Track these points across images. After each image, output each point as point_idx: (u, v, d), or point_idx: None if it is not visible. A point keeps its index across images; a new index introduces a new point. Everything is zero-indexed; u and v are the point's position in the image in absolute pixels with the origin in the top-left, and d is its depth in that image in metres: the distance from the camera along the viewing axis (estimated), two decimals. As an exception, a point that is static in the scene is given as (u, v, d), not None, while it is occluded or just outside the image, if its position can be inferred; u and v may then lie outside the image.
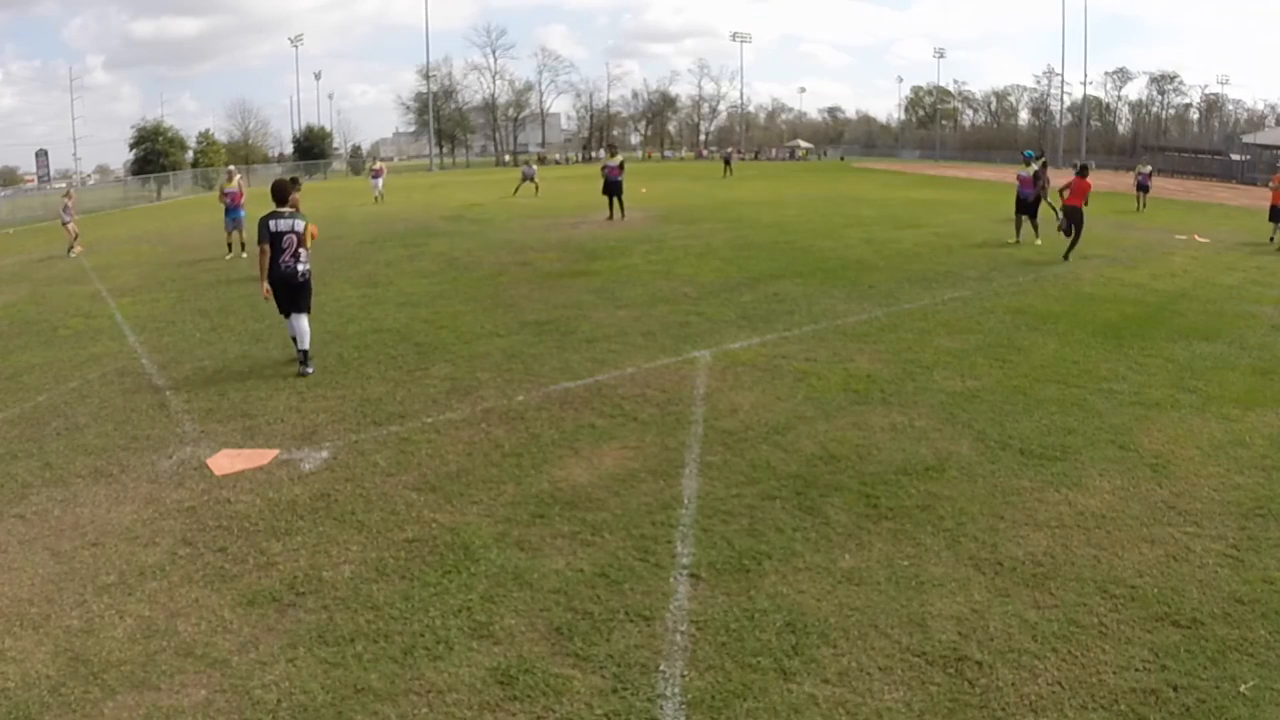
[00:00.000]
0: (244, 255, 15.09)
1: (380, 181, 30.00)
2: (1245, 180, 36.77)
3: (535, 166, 34.96)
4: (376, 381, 6.78)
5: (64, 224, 19.13)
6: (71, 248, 18.60)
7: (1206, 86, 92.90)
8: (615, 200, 18.93)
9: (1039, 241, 13.83)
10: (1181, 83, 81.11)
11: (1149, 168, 22.84)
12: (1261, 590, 3.45)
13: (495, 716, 2.85)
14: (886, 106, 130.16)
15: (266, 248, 6.87)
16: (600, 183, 19.46)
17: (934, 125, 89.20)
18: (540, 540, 4.05)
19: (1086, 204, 12.39)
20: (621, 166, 19.25)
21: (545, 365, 7.07)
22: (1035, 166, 14.29)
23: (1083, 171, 12.57)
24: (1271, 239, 14.13)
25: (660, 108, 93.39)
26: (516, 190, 29.57)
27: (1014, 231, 14.50)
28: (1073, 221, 12.30)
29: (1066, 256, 12.24)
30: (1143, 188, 21.64)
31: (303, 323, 7.09)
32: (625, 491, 4.55)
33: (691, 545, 3.95)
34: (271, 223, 6.89)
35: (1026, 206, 14.30)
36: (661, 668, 3.07)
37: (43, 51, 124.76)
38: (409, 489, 4.69)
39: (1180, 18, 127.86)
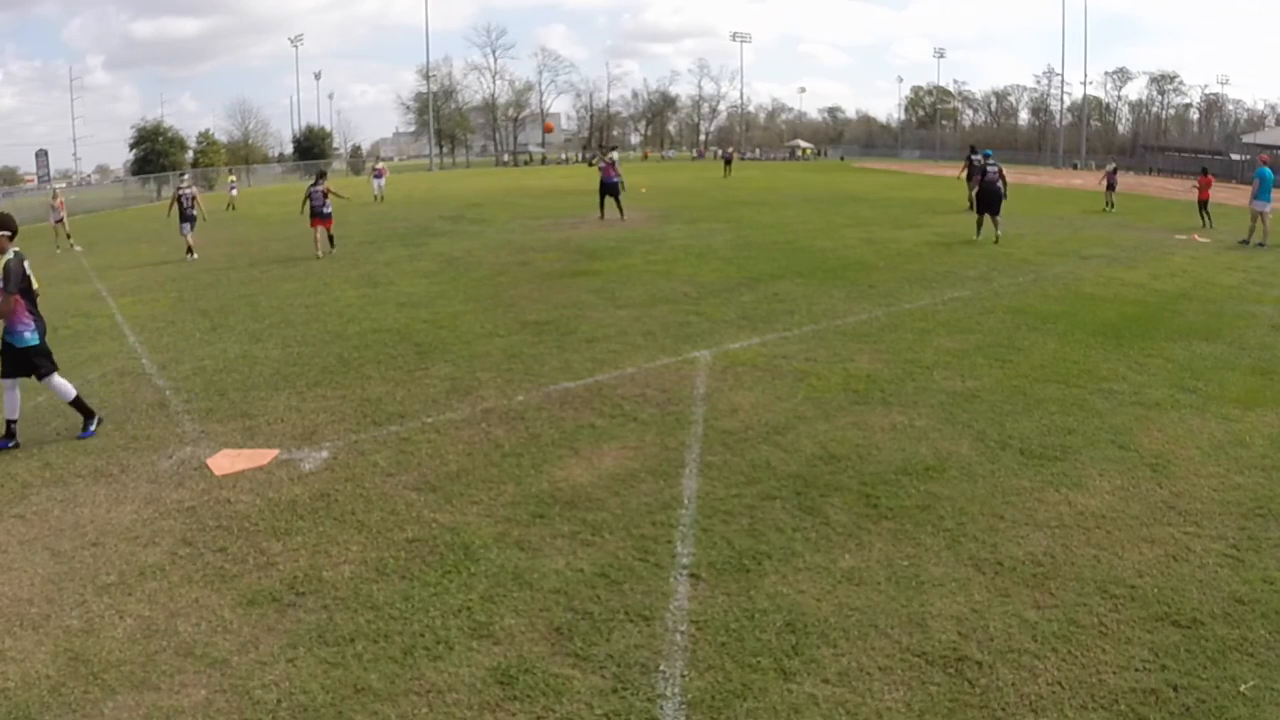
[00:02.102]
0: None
1: (382, 181, 30.42)
2: (1245, 180, 36.70)
3: (615, 155, 34.46)
4: (376, 381, 6.78)
5: (54, 222, 19.43)
6: (65, 241, 18.76)
7: (1206, 86, 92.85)
8: (615, 201, 18.89)
9: (1000, 233, 14.39)
10: (1181, 83, 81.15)
11: (1113, 165, 23.89)
12: (1261, 590, 3.45)
13: (495, 716, 2.85)
14: (886, 106, 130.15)
15: (18, 296, 5.45)
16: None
17: (934, 125, 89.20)
18: (540, 540, 4.05)
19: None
20: (613, 164, 19.26)
21: (545, 365, 7.07)
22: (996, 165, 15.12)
23: (1204, 171, 18.10)
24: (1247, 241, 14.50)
25: (660, 108, 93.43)
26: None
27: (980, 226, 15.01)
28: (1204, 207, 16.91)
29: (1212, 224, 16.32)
30: (1110, 186, 22.08)
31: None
32: (625, 491, 4.55)
33: (691, 545, 3.95)
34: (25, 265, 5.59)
35: (992, 202, 14.69)
36: (661, 668, 3.07)
37: (43, 52, 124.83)
38: (409, 489, 4.68)
39: (1180, 18, 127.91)
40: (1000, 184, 14.49)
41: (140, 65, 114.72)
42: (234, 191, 34.14)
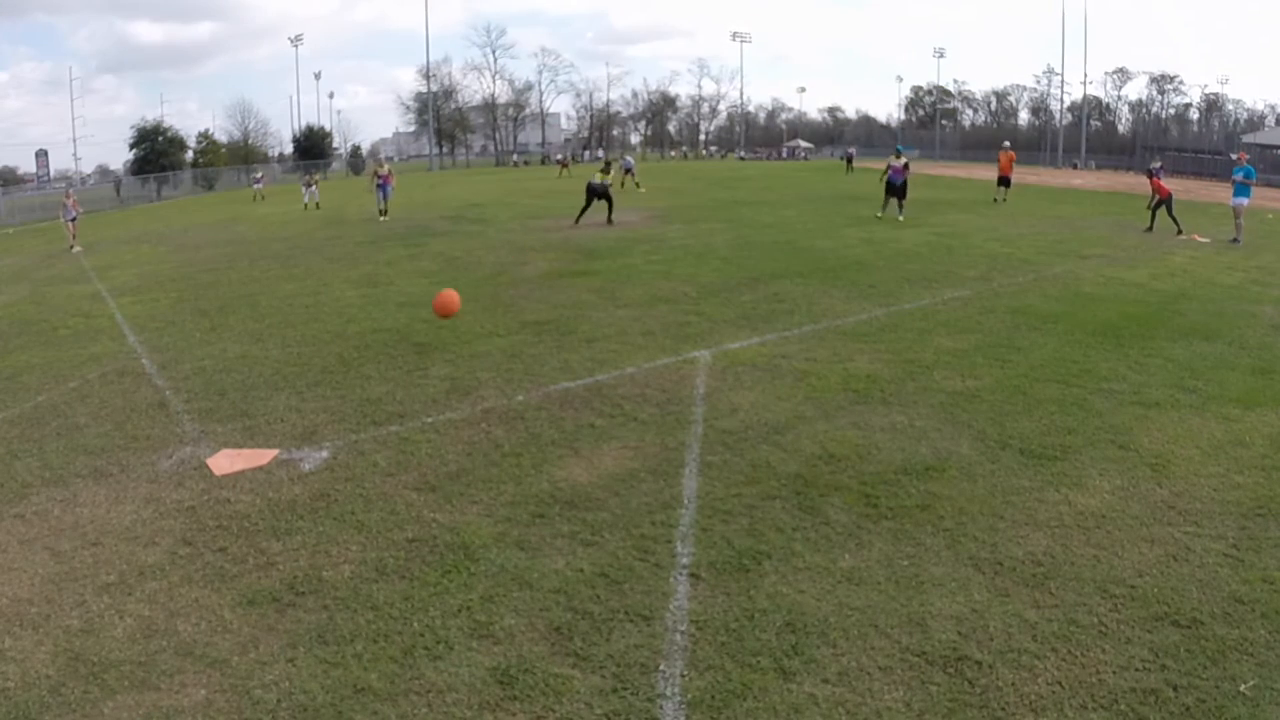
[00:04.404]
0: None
1: (389, 190, 21.40)
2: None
3: (632, 159, 34.10)
4: (376, 381, 6.78)
5: (69, 220, 19.43)
6: (71, 246, 18.76)
7: (1206, 86, 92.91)
8: (606, 203, 18.66)
9: (902, 218, 17.58)
10: (1181, 83, 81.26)
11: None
12: (1261, 590, 3.45)
13: (495, 716, 2.85)
14: (886, 106, 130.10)
15: None
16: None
17: (934, 125, 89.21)
18: (540, 540, 4.05)
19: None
20: (608, 185, 18.55)
21: (545, 365, 7.07)
22: (906, 159, 18.48)
23: (1159, 172, 18.70)
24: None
25: (660, 107, 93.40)
26: (636, 186, 29.30)
27: (881, 207, 18.40)
28: (1166, 203, 16.10)
29: (1180, 232, 15.63)
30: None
31: None
32: (625, 491, 4.55)
33: (691, 545, 3.95)
34: None
35: (895, 189, 18.10)
36: (661, 668, 3.07)
37: (45, 53, 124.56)
38: (409, 489, 4.68)
39: (1180, 18, 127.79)
40: (901, 177, 18.04)
41: (141, 67, 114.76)
42: (259, 185, 38.96)
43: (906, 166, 18.35)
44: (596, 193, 18.40)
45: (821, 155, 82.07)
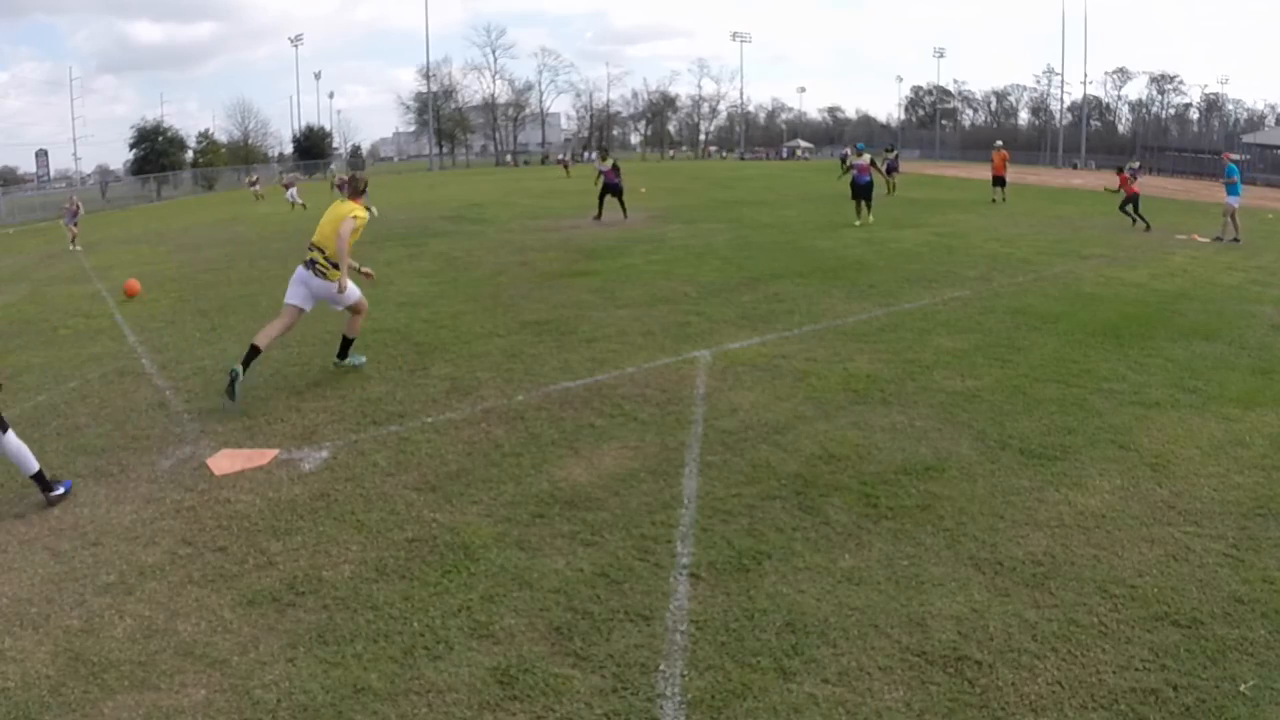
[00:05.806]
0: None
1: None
2: (1244, 180, 36.71)
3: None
4: (376, 381, 6.77)
5: (71, 221, 19.54)
6: (72, 243, 18.84)
7: (1206, 86, 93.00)
8: (618, 200, 18.84)
9: (871, 219, 17.12)
10: (1181, 82, 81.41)
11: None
12: (1261, 590, 3.45)
13: (495, 716, 2.85)
14: (886, 106, 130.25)
15: None
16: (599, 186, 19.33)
17: (934, 125, 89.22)
18: (540, 540, 4.05)
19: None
20: (616, 169, 19.06)
21: (545, 365, 7.07)
22: (869, 156, 17.80)
23: (1130, 172, 17.34)
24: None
25: (660, 107, 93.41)
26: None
27: (855, 213, 17.44)
28: (1133, 200, 16.40)
29: (1148, 228, 15.97)
30: (892, 169, 24.93)
31: None
32: (625, 491, 4.55)
33: (691, 545, 3.95)
34: None
35: (861, 190, 17.33)
36: (661, 668, 3.07)
37: (45, 53, 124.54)
38: (409, 489, 4.68)
39: (1180, 18, 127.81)
40: (867, 176, 17.29)
41: (141, 67, 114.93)
42: (257, 187, 41.46)
43: (873, 164, 17.80)
44: (614, 189, 18.58)
45: (821, 155, 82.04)
